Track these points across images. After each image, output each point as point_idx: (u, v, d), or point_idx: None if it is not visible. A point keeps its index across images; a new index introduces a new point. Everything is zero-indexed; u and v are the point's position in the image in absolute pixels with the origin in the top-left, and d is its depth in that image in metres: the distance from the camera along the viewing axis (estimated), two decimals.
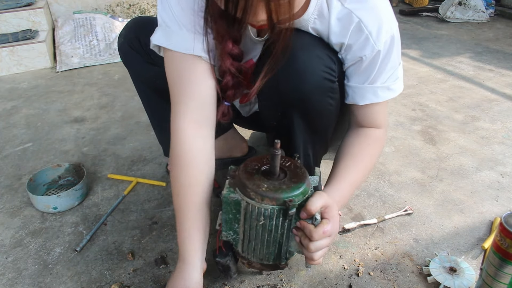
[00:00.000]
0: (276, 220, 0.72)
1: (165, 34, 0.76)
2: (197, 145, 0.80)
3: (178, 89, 0.79)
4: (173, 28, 0.75)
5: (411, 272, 0.94)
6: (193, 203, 0.80)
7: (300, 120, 0.84)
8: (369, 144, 0.86)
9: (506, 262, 0.75)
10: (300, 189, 0.71)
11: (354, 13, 0.74)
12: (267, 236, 0.74)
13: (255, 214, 0.72)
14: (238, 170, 0.76)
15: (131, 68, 1.10)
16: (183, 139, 0.79)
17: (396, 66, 0.81)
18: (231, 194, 0.74)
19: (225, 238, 0.80)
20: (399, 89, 0.84)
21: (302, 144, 0.89)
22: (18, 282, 0.95)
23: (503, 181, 1.26)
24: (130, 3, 3.13)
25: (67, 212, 1.17)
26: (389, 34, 0.76)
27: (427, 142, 1.49)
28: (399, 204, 1.17)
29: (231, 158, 1.32)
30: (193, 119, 0.79)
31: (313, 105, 0.81)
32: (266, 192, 0.70)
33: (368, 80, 0.80)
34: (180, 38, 0.75)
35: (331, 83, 0.80)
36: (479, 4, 3.14)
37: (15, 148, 1.52)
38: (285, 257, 0.78)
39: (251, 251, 0.78)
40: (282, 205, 0.70)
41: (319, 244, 0.70)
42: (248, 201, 0.71)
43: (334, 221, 0.71)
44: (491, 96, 1.86)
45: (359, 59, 0.78)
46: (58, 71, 2.32)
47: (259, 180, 0.72)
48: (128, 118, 1.73)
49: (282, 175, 0.74)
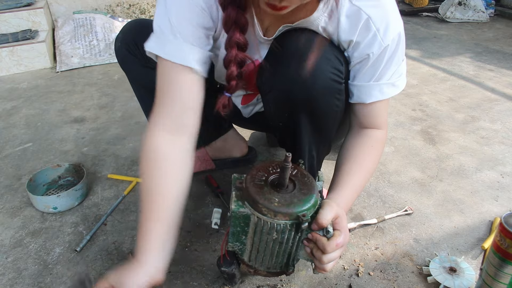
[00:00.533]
0: (288, 234, 0.71)
1: (160, 42, 0.75)
2: (165, 151, 0.75)
3: (161, 95, 0.77)
4: (169, 37, 0.74)
5: (411, 272, 0.94)
6: (158, 204, 0.74)
7: (307, 121, 0.85)
8: (372, 145, 0.86)
9: (506, 262, 0.75)
10: (311, 202, 0.70)
11: (363, 10, 0.74)
12: (277, 248, 0.74)
13: (266, 229, 0.70)
14: (245, 182, 0.73)
15: (129, 72, 1.09)
16: (150, 144, 0.75)
17: (400, 62, 0.82)
18: (240, 208, 0.71)
19: (230, 249, 0.79)
20: (402, 85, 0.85)
21: (307, 145, 0.89)
22: (18, 282, 0.95)
23: (503, 181, 1.26)
24: (130, 3, 3.13)
25: (67, 212, 1.17)
26: (397, 32, 0.76)
27: (427, 142, 1.49)
28: (399, 204, 1.17)
29: (231, 159, 1.32)
30: (167, 126, 0.76)
31: (320, 106, 0.81)
32: (278, 207, 0.68)
33: (374, 77, 0.81)
34: (174, 47, 0.74)
35: (338, 85, 0.80)
36: (479, 4, 3.14)
37: (15, 148, 1.52)
38: (293, 264, 0.78)
39: (259, 262, 0.78)
40: (295, 220, 0.69)
41: (331, 256, 0.70)
42: (260, 217, 0.70)
43: (345, 232, 0.72)
44: (491, 96, 1.86)
45: (366, 56, 0.79)
46: (58, 71, 2.32)
47: (269, 193, 0.70)
48: (128, 118, 1.73)
49: (291, 186, 0.73)
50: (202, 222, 1.12)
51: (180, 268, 0.97)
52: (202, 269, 0.96)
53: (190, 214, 1.15)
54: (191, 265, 0.98)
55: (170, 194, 0.74)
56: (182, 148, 0.77)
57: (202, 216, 1.14)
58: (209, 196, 1.22)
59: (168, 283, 0.93)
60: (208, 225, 1.11)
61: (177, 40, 0.74)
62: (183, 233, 1.08)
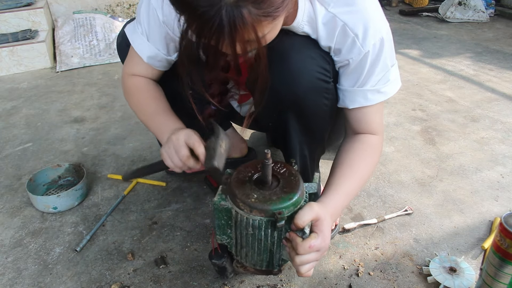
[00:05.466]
0: (265, 230, 0.71)
1: (133, 29, 0.91)
2: (146, 81, 0.95)
3: (130, 59, 0.95)
4: (139, 31, 0.89)
5: (411, 272, 0.94)
6: (160, 103, 0.92)
7: (296, 121, 0.84)
8: (366, 150, 0.85)
9: (506, 262, 0.75)
10: (291, 200, 0.70)
11: (338, 17, 0.74)
12: (257, 244, 0.73)
13: (244, 224, 0.71)
14: (231, 176, 0.75)
15: None
16: (132, 80, 0.95)
17: (388, 68, 0.80)
18: (222, 201, 0.74)
19: (219, 242, 0.80)
20: (391, 91, 0.83)
21: (298, 145, 0.89)
22: (18, 282, 0.95)
23: (503, 181, 1.26)
24: (130, 3, 3.13)
25: (67, 212, 1.17)
26: (378, 37, 0.75)
27: (427, 142, 1.49)
28: (399, 204, 1.17)
29: (230, 159, 1.32)
30: (138, 74, 0.95)
31: (307, 105, 0.81)
32: (254, 203, 0.69)
33: (358, 83, 0.80)
34: (139, 40, 0.90)
35: (325, 84, 0.80)
36: (479, 4, 3.14)
37: (15, 148, 1.52)
38: (278, 264, 0.78)
39: (244, 257, 0.78)
40: (270, 217, 0.68)
41: (304, 258, 0.68)
42: (238, 211, 0.71)
43: (323, 236, 0.69)
44: (491, 96, 1.86)
45: (347, 62, 0.78)
46: (58, 71, 2.32)
47: (250, 189, 0.71)
48: (128, 118, 1.73)
49: (275, 184, 0.73)
50: (202, 222, 1.12)
51: (180, 268, 0.97)
52: (202, 269, 0.96)
53: (190, 214, 1.15)
54: (191, 265, 0.98)
55: (160, 98, 0.93)
56: (150, 80, 0.96)
57: (202, 216, 1.14)
58: (209, 196, 1.22)
59: (168, 282, 0.93)
60: (208, 225, 1.11)
61: (144, 37, 0.89)
62: (183, 233, 1.08)
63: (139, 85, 0.94)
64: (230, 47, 0.59)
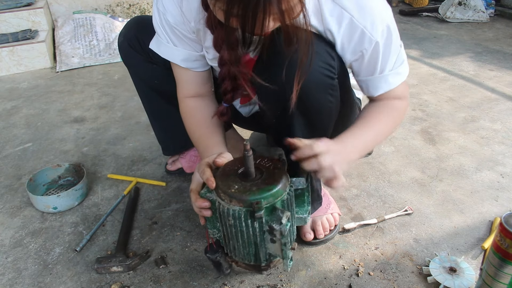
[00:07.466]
0: (245, 221, 0.72)
1: (157, 42, 0.92)
2: (196, 104, 0.97)
3: (176, 80, 0.97)
4: (163, 41, 0.91)
5: (411, 272, 0.94)
6: (205, 128, 0.95)
7: (300, 118, 0.84)
8: (387, 109, 0.87)
9: (506, 262, 0.75)
10: (270, 191, 0.71)
11: (345, 9, 0.75)
12: (241, 236, 0.75)
13: (225, 214, 0.73)
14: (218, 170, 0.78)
15: (130, 67, 1.12)
16: (185, 104, 0.97)
17: (399, 49, 0.82)
18: (208, 193, 0.77)
19: (212, 236, 0.82)
20: (406, 71, 0.86)
21: None
22: (18, 282, 0.95)
23: (503, 181, 1.26)
24: (130, 3, 3.13)
25: (67, 212, 1.17)
26: (385, 24, 0.76)
27: (427, 142, 1.49)
28: (399, 204, 1.17)
29: None
30: (190, 95, 0.97)
31: (312, 102, 0.81)
32: (234, 193, 0.71)
33: (377, 71, 0.82)
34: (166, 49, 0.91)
35: (330, 80, 0.80)
36: (479, 4, 3.14)
37: (15, 148, 1.52)
38: (266, 259, 0.78)
39: (232, 250, 0.79)
40: (249, 207, 0.70)
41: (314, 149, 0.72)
42: (220, 201, 0.73)
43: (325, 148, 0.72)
44: (491, 96, 1.86)
45: (361, 53, 0.79)
46: (58, 71, 2.32)
47: (232, 181, 0.73)
48: (128, 118, 1.73)
49: (258, 176, 0.75)
50: None
51: (180, 268, 0.97)
52: (202, 269, 0.96)
53: (190, 214, 1.15)
54: (191, 265, 0.98)
55: (207, 122, 0.95)
56: (205, 100, 0.98)
57: None
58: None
59: (168, 282, 0.93)
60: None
61: (170, 44, 0.90)
62: (183, 233, 1.08)
63: (187, 110, 0.97)
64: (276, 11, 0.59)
